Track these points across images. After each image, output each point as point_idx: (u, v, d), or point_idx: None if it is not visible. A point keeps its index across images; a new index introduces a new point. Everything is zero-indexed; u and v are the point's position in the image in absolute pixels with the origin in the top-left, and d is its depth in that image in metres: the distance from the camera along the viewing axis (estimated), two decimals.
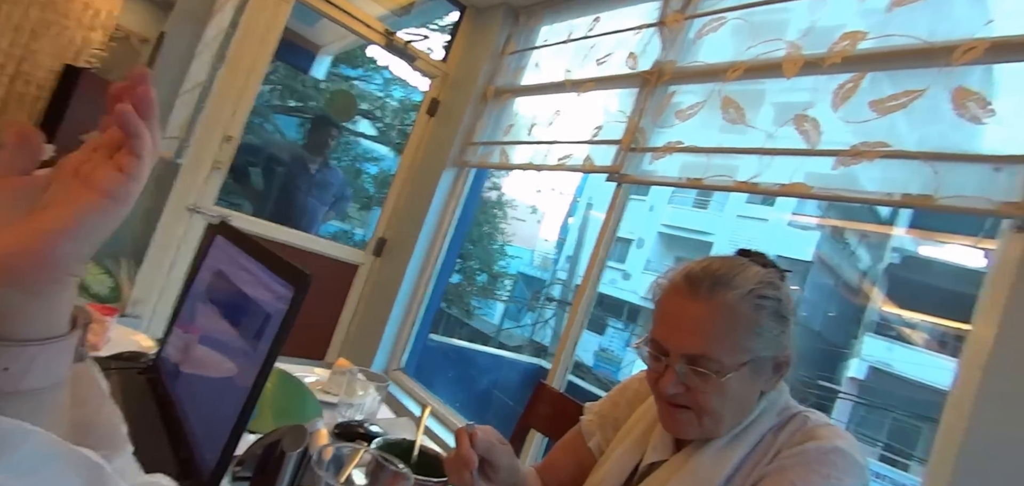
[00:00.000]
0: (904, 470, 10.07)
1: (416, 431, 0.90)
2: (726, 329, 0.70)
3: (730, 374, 0.70)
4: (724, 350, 0.70)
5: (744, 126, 1.52)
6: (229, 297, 0.82)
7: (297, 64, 3.91)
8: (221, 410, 0.69)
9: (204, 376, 0.81)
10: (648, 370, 0.78)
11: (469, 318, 11.33)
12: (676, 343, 0.72)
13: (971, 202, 1.09)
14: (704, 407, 0.72)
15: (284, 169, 3.28)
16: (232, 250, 0.88)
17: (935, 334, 11.11)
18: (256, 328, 0.69)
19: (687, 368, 0.71)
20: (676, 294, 0.75)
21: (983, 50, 1.15)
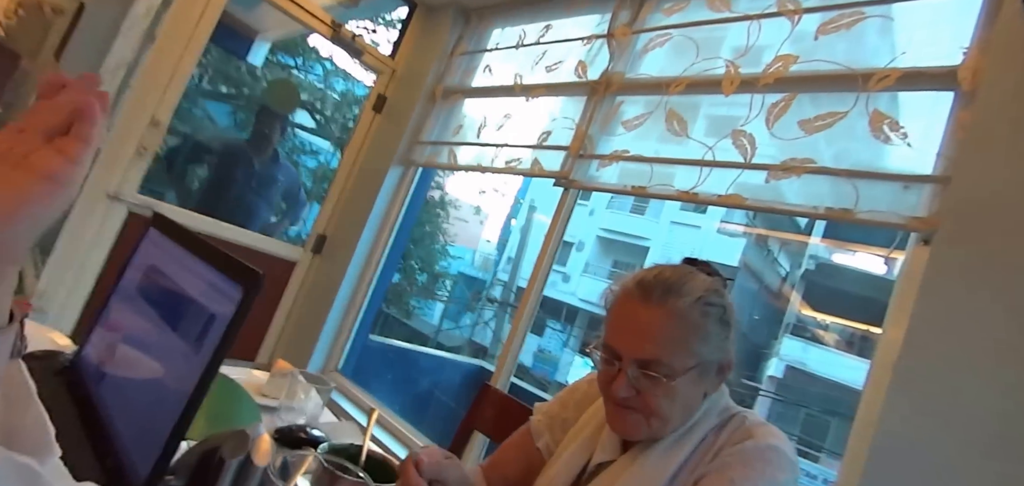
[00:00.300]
0: (815, 461, 10.86)
1: (363, 436, 0.88)
2: (676, 335, 0.73)
3: (679, 378, 0.73)
4: (674, 355, 0.73)
5: (686, 138, 1.59)
6: (166, 295, 0.76)
7: (232, 49, 3.69)
8: (156, 416, 0.64)
9: (135, 379, 0.75)
10: (600, 373, 0.80)
11: (408, 318, 11.14)
12: (629, 348, 0.75)
13: (885, 216, 1.20)
14: (653, 410, 0.74)
15: (218, 160, 3.07)
16: (169, 245, 0.82)
17: (845, 335, 12.09)
18: (198, 330, 0.65)
19: (638, 372, 0.74)
20: (630, 301, 0.77)
21: (895, 78, 1.26)
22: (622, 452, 0.82)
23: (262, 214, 2.89)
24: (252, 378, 1.21)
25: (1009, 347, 0.99)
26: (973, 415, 0.99)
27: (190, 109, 5.03)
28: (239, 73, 5.29)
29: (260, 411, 1.00)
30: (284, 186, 3.02)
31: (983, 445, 0.97)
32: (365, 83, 2.78)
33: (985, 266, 1.05)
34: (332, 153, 6.15)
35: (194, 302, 0.70)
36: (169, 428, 0.60)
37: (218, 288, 0.66)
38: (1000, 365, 0.99)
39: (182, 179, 3.10)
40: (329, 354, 2.42)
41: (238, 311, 0.61)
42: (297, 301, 2.55)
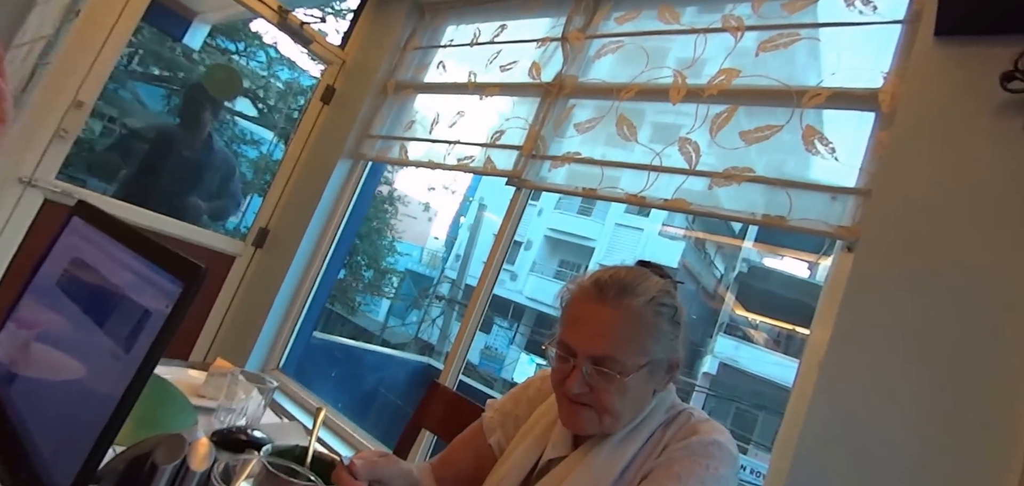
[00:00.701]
0: (744, 453, 11.47)
1: (308, 436, 0.85)
2: (630, 333, 0.76)
3: (631, 375, 0.75)
4: (627, 352, 0.76)
5: (634, 143, 1.64)
6: (92, 290, 0.71)
7: (167, 28, 3.45)
8: (79, 421, 0.59)
9: (53, 381, 0.69)
10: (554, 370, 0.81)
11: (353, 315, 10.87)
12: (584, 345, 0.77)
13: (814, 224, 1.28)
14: (605, 405, 0.76)
15: (148, 145, 2.84)
16: (95, 235, 0.76)
17: (773, 334, 12.83)
18: (130, 328, 0.61)
19: (592, 369, 0.76)
20: (586, 300, 0.79)
21: (825, 97, 1.36)
22: (573, 448, 0.83)
23: (191, 205, 2.68)
24: (187, 378, 1.15)
25: (924, 347, 1.08)
26: (892, 409, 1.08)
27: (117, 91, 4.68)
28: (174, 55, 4.98)
29: (196, 413, 0.95)
30: (220, 175, 2.80)
31: (902, 436, 1.05)
32: (312, 73, 2.66)
33: (902, 272, 1.15)
34: (275, 144, 5.89)
35: (125, 297, 0.65)
36: (95, 434, 0.56)
37: (153, 283, 0.62)
38: (916, 363, 1.08)
39: (106, 166, 2.86)
40: (270, 352, 2.33)
41: (177, 307, 0.58)
42: (236, 297, 2.43)
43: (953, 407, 1.03)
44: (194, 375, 1.19)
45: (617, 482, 0.77)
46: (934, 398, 1.05)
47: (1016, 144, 1.09)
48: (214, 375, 1.14)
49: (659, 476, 0.74)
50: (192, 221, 2.41)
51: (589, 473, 0.78)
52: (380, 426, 2.89)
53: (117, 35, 1.95)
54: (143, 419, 0.89)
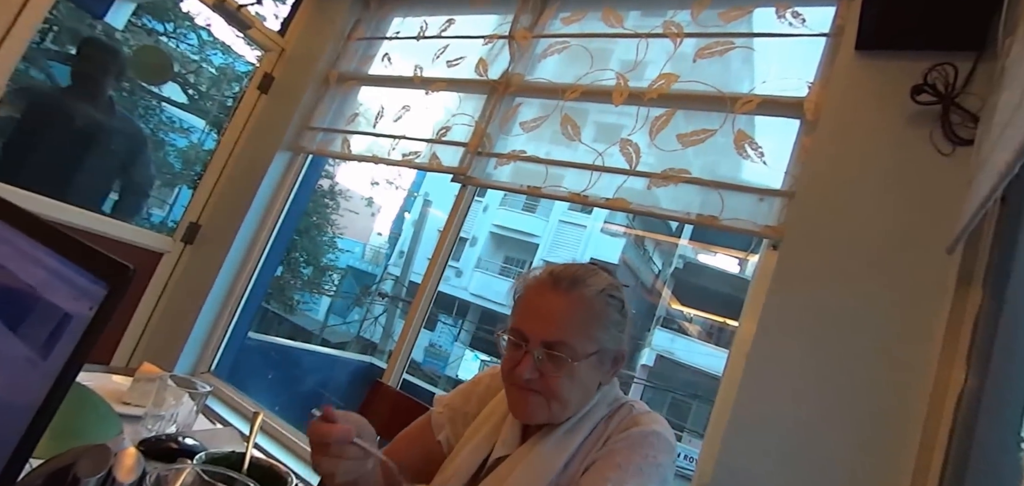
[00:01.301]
0: (679, 440, 11.98)
1: (244, 442, 0.82)
2: (581, 320, 0.80)
3: (581, 361, 0.79)
4: (578, 339, 0.79)
5: (578, 143, 1.68)
6: (3, 292, 0.65)
7: (87, 5, 3.16)
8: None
9: None
10: (505, 359, 0.83)
11: (291, 314, 10.46)
12: (537, 331, 0.80)
13: (744, 224, 1.36)
14: (554, 391, 0.79)
15: (24, 114, 2.22)
16: (6, 232, 0.70)
17: (706, 326, 13.48)
18: (48, 332, 0.56)
19: (544, 353, 0.78)
20: (540, 289, 0.83)
21: (755, 104, 1.44)
22: (520, 445, 0.85)
23: (92, 185, 2.28)
24: (111, 384, 1.07)
25: (840, 337, 1.17)
26: (812, 395, 1.16)
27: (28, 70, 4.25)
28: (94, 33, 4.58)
29: (122, 422, 0.89)
30: (124, 151, 2.36)
31: (822, 419, 1.14)
32: (248, 59, 2.50)
33: (821, 269, 1.24)
34: (207, 133, 5.54)
35: (41, 299, 0.60)
36: (10, 448, 0.51)
37: (74, 284, 0.58)
38: (833, 353, 1.17)
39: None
40: (201, 354, 2.21)
41: (101, 310, 0.54)
42: (164, 296, 2.28)
43: (864, 390, 1.13)
44: (118, 381, 1.11)
45: (561, 474, 0.79)
46: (847, 383, 1.14)
47: (923, 153, 1.20)
48: (140, 380, 1.07)
49: (601, 467, 0.76)
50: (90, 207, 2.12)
51: (535, 467, 0.80)
52: None
53: (33, 10, 1.77)
54: (61, 430, 0.82)
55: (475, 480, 0.86)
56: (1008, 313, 0.94)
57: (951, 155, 1.17)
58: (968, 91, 1.16)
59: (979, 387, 0.96)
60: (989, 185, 0.79)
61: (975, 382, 0.98)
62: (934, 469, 1.00)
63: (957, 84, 1.16)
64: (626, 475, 0.74)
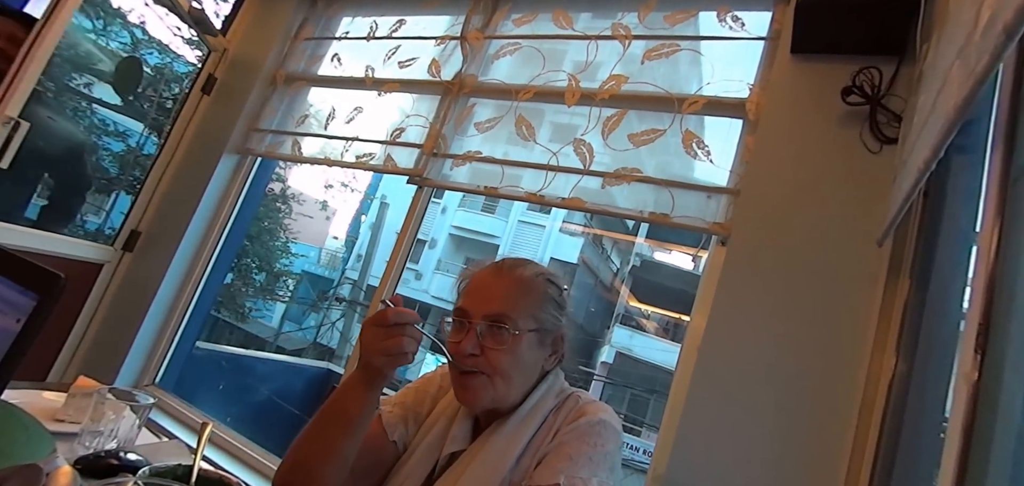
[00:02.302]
0: (638, 435, 12.26)
1: (191, 454, 0.79)
2: (521, 296, 0.85)
3: (522, 336, 0.83)
4: (519, 313, 0.84)
5: (533, 143, 1.70)
6: None
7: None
8: None
9: None
10: (449, 341, 0.86)
11: (243, 322, 10.09)
12: (479, 307, 0.85)
13: (694, 221, 1.41)
14: (497, 367, 0.82)
15: None
16: None
17: (663, 323, 13.83)
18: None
19: (486, 328, 0.83)
20: (485, 274, 0.89)
21: (702, 104, 1.50)
22: (471, 441, 0.86)
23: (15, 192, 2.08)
24: (42, 402, 1.01)
25: (785, 327, 1.23)
26: (761, 384, 1.22)
27: None
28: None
29: (54, 440, 0.84)
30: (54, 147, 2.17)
31: (769, 407, 1.20)
32: (188, 59, 2.37)
33: (766, 262, 1.30)
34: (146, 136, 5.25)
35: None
36: None
37: (0, 297, 0.55)
38: (778, 342, 1.23)
39: None
40: (144, 366, 2.10)
41: (29, 323, 0.51)
42: (102, 307, 2.16)
43: (807, 378, 1.19)
44: (50, 397, 1.05)
45: (514, 469, 0.81)
46: (792, 372, 1.20)
47: (854, 151, 1.28)
48: (76, 396, 1.01)
49: (552, 460, 0.78)
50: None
51: (487, 461, 0.81)
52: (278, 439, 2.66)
53: (45, 47, 1.65)
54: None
55: (430, 479, 0.86)
56: (931, 302, 1.01)
57: (879, 153, 1.25)
58: (892, 93, 1.25)
59: (908, 372, 1.02)
60: (910, 181, 0.85)
61: (904, 368, 1.04)
62: (869, 450, 1.06)
63: (882, 86, 1.24)
64: (576, 466, 0.76)
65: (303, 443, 0.80)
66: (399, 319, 0.75)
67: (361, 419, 0.78)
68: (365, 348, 0.76)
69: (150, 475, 0.71)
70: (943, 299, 0.98)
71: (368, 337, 0.76)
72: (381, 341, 0.75)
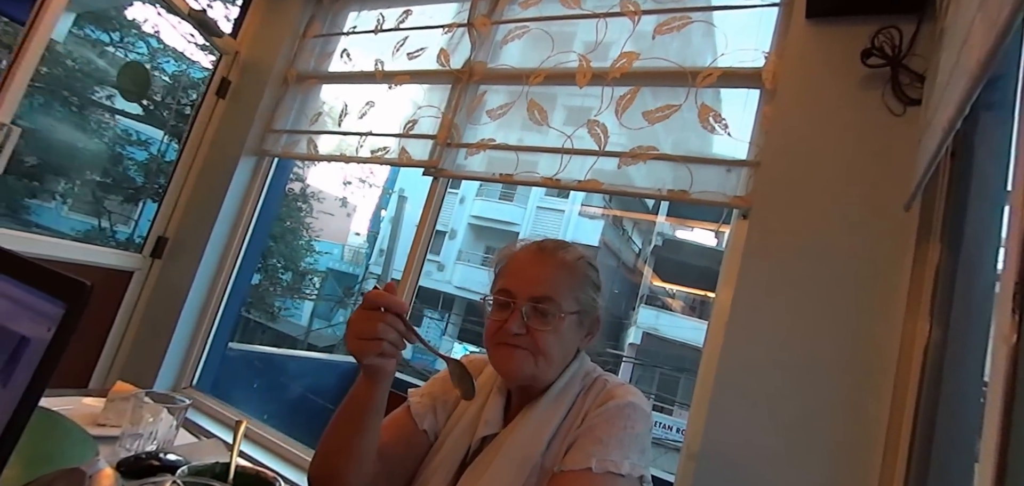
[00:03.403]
0: (669, 414, 12.21)
1: (228, 452, 0.81)
2: (565, 279, 0.87)
3: (565, 318, 0.85)
4: (563, 296, 0.85)
5: (547, 127, 1.68)
6: None
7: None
8: None
9: None
10: (491, 321, 0.87)
11: (273, 321, 10.31)
12: (524, 288, 0.86)
13: (713, 196, 1.38)
14: (540, 346, 0.84)
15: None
16: None
17: (688, 301, 13.69)
18: (6, 358, 0.55)
19: (531, 309, 0.84)
20: (527, 254, 0.90)
21: (717, 77, 1.46)
22: (503, 424, 0.87)
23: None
24: (83, 408, 1.05)
25: (811, 298, 1.21)
26: (792, 356, 1.20)
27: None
28: None
29: (96, 444, 0.87)
30: None
31: (801, 379, 1.18)
32: (203, 65, 2.40)
33: (789, 233, 1.27)
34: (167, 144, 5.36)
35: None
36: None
37: (30, 306, 0.57)
38: (805, 313, 1.21)
39: None
40: (181, 369, 2.17)
41: (60, 331, 0.53)
42: (136, 314, 2.23)
43: (838, 348, 1.16)
44: (90, 403, 1.09)
45: (545, 453, 0.81)
46: (823, 343, 1.18)
47: (877, 114, 1.24)
48: (114, 400, 1.05)
49: (583, 443, 0.78)
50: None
51: (519, 445, 0.82)
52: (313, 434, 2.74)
53: (32, 50, 1.71)
54: (32, 458, 0.81)
55: (463, 464, 0.87)
56: (964, 264, 0.97)
57: (903, 115, 1.20)
58: (914, 52, 1.20)
59: (943, 338, 0.99)
60: (936, 141, 0.82)
61: (939, 333, 1.01)
62: (907, 419, 1.04)
63: (903, 46, 1.20)
64: (607, 449, 0.76)
65: (325, 439, 0.82)
66: (375, 302, 0.70)
67: (368, 413, 0.77)
68: (346, 335, 0.73)
69: (189, 474, 0.74)
70: (976, 261, 0.95)
71: (350, 321, 0.72)
72: (357, 324, 0.71)
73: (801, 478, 1.13)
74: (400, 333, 0.72)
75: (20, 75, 1.72)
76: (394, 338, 0.71)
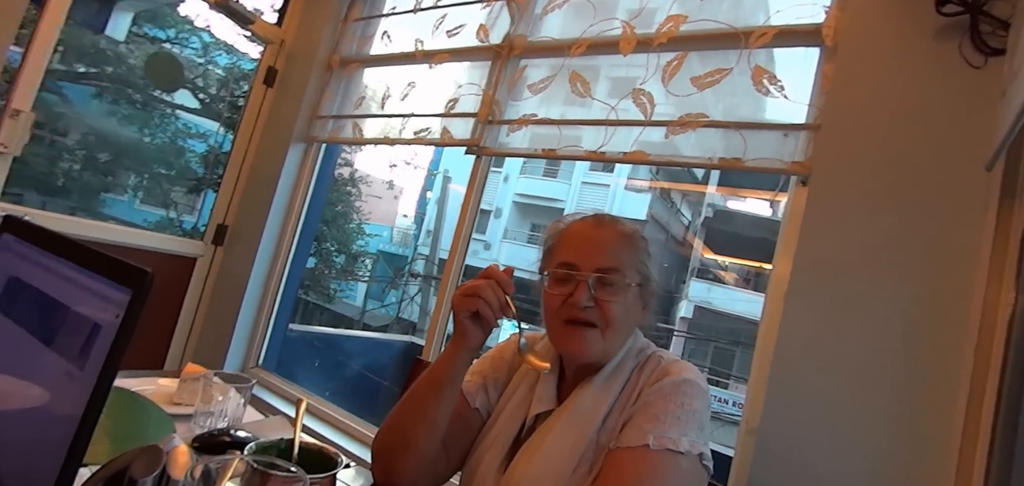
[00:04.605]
0: (725, 388, 11.96)
1: (293, 429, 0.85)
2: (628, 249, 0.86)
3: (632, 287, 0.84)
4: (627, 265, 0.84)
5: (590, 99, 1.64)
6: (34, 309, 0.68)
7: (86, 20, 3.19)
8: (41, 446, 0.58)
9: (5, 411, 0.66)
10: (552, 296, 0.85)
11: (330, 302, 10.73)
12: (590, 260, 0.83)
13: (769, 163, 1.31)
14: (609, 318, 0.82)
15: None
16: (29, 250, 0.72)
17: (742, 273, 13.25)
18: (81, 343, 0.58)
19: (597, 281, 0.82)
20: (585, 226, 0.88)
21: (772, 36, 1.37)
22: (557, 402, 0.87)
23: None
24: (159, 388, 1.12)
25: (879, 265, 1.14)
26: (857, 329, 1.14)
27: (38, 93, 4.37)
28: (99, 49, 4.65)
29: (173, 421, 0.93)
30: None
31: (867, 353, 1.12)
32: (252, 55, 2.48)
33: (854, 199, 1.20)
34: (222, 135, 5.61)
35: (71, 312, 0.63)
36: (61, 457, 0.54)
37: (99, 294, 0.60)
38: (872, 282, 1.14)
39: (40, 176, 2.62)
40: (247, 350, 2.29)
41: (127, 317, 0.56)
42: (203, 299, 2.36)
43: (910, 319, 1.09)
44: (165, 383, 1.16)
45: (601, 430, 0.81)
46: (891, 314, 1.11)
47: (953, 67, 1.13)
48: (186, 380, 1.12)
49: (639, 420, 0.77)
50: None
51: (575, 421, 0.81)
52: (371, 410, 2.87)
53: (44, 34, 1.81)
54: (116, 435, 0.87)
55: (517, 441, 0.87)
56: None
57: (983, 67, 1.10)
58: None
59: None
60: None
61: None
62: (989, 398, 0.96)
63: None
64: (664, 425, 0.75)
65: (400, 407, 0.85)
66: (489, 273, 0.79)
67: (449, 382, 0.82)
68: (454, 294, 0.81)
69: (256, 450, 0.77)
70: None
71: (459, 289, 0.80)
72: (466, 285, 0.79)
73: (868, 459, 1.07)
74: (500, 302, 0.79)
75: (34, 62, 1.80)
76: (492, 301, 0.78)
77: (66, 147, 4.86)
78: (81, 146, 4.96)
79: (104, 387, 0.55)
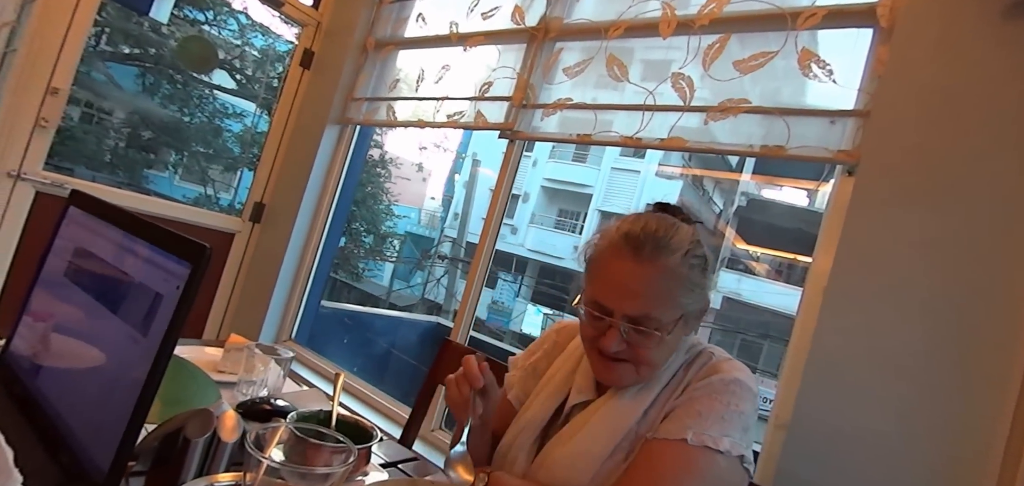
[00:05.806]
0: None
1: (330, 401, 0.88)
2: (666, 290, 0.76)
3: (669, 328, 0.76)
4: (664, 310, 0.75)
5: (625, 83, 1.61)
6: (101, 278, 0.71)
7: (131, 3, 3.30)
8: (109, 404, 0.61)
9: (77, 370, 0.70)
10: (585, 326, 0.81)
11: (358, 281, 10.96)
12: (620, 305, 0.76)
13: (814, 151, 1.27)
14: (643, 359, 0.78)
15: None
16: (95, 224, 0.76)
17: (774, 264, 12.95)
18: (144, 311, 0.61)
19: (629, 327, 0.76)
20: (618, 257, 0.77)
21: (821, 17, 1.32)
22: (597, 393, 0.85)
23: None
24: (205, 355, 1.17)
25: (930, 263, 1.09)
26: (900, 330, 1.10)
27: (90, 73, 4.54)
28: (142, 30, 4.80)
29: (218, 388, 0.97)
30: None
31: (911, 356, 1.08)
32: (287, 37, 2.53)
33: (906, 191, 1.15)
34: (259, 115, 5.74)
35: (135, 283, 0.66)
36: (127, 415, 0.57)
37: (160, 266, 0.63)
38: (922, 281, 1.10)
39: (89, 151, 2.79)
40: (280, 324, 2.36)
41: (187, 288, 0.59)
42: (240, 274, 2.44)
43: (959, 322, 1.05)
44: (211, 352, 1.21)
45: (640, 421, 0.79)
46: (939, 316, 1.07)
47: (1021, 50, 1.07)
48: (231, 350, 1.16)
49: (680, 414, 0.76)
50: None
51: (613, 414, 0.80)
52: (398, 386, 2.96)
53: (84, 13, 1.89)
54: (168, 397, 0.91)
55: (549, 428, 0.88)
56: None
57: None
58: None
59: None
60: None
61: None
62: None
63: None
64: (706, 422, 0.73)
65: None
66: (463, 365, 0.81)
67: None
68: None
69: (298, 419, 0.80)
70: None
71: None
72: (448, 389, 0.84)
73: (905, 459, 1.05)
74: (463, 399, 0.80)
75: (74, 42, 1.88)
76: (456, 398, 0.81)
77: (112, 125, 5.05)
78: (126, 124, 5.15)
79: (166, 353, 0.58)
